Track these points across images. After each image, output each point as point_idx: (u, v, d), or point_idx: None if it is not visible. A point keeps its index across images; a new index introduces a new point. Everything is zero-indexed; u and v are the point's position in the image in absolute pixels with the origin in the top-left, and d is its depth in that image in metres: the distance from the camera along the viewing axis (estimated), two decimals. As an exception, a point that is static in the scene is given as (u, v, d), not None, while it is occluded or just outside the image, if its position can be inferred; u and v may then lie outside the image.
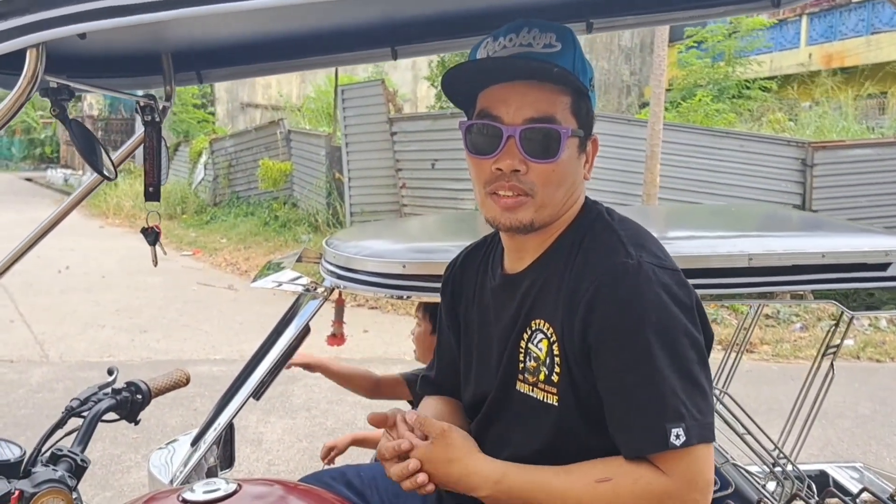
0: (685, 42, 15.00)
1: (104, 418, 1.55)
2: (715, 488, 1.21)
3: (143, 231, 1.80)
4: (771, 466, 2.23)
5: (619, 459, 1.17)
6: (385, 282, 1.92)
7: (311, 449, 4.39)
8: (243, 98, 21.40)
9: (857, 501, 2.06)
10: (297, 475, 1.75)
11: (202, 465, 2.07)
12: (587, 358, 1.20)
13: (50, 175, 25.87)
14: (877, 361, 6.46)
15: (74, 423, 1.51)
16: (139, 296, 8.59)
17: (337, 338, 2.33)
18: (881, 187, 9.47)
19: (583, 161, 1.30)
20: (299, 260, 2.40)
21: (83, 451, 1.44)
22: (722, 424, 2.00)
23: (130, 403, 1.63)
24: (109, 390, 1.61)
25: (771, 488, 2.23)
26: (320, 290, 2.04)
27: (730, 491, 2.07)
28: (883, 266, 1.92)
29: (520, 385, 1.30)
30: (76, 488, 1.35)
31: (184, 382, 1.81)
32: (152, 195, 1.74)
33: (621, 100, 19.50)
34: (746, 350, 3.12)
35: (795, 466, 2.27)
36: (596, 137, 1.32)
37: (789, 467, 2.24)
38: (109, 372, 1.65)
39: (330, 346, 2.35)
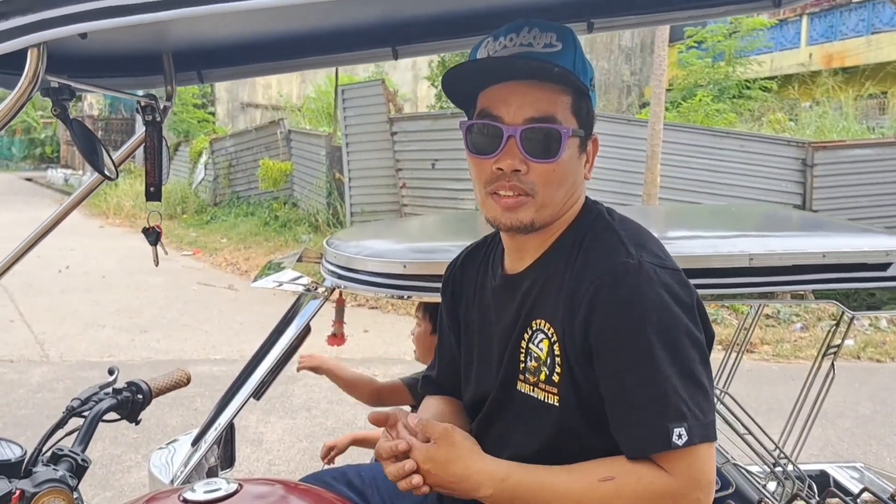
0: (685, 42, 14.99)
1: (105, 418, 1.56)
2: (715, 488, 1.21)
3: (145, 231, 1.80)
4: (771, 466, 2.23)
5: (622, 459, 1.17)
6: (386, 282, 1.92)
7: (312, 449, 4.39)
8: (243, 98, 21.40)
9: (858, 501, 2.06)
10: (298, 475, 1.75)
11: (203, 465, 2.07)
12: (588, 358, 1.19)
13: (50, 175, 25.88)
14: (877, 361, 6.45)
15: (75, 423, 1.52)
16: (139, 296, 8.59)
17: (337, 338, 2.33)
18: (881, 187, 9.48)
19: (583, 161, 1.30)
20: (300, 260, 2.40)
21: (84, 451, 1.44)
22: (722, 424, 2.00)
23: (131, 403, 1.63)
24: (110, 390, 1.61)
25: (771, 488, 2.23)
26: (321, 290, 2.04)
27: (730, 491, 2.07)
28: (883, 266, 1.92)
29: (520, 385, 1.30)
30: (77, 488, 1.35)
31: (184, 382, 1.82)
32: (153, 195, 1.74)
33: (622, 100, 19.50)
34: (747, 350, 3.12)
35: (796, 466, 2.27)
36: (596, 137, 1.32)
37: (790, 467, 2.24)
38: (110, 372, 1.65)
39: (330, 346, 2.35)
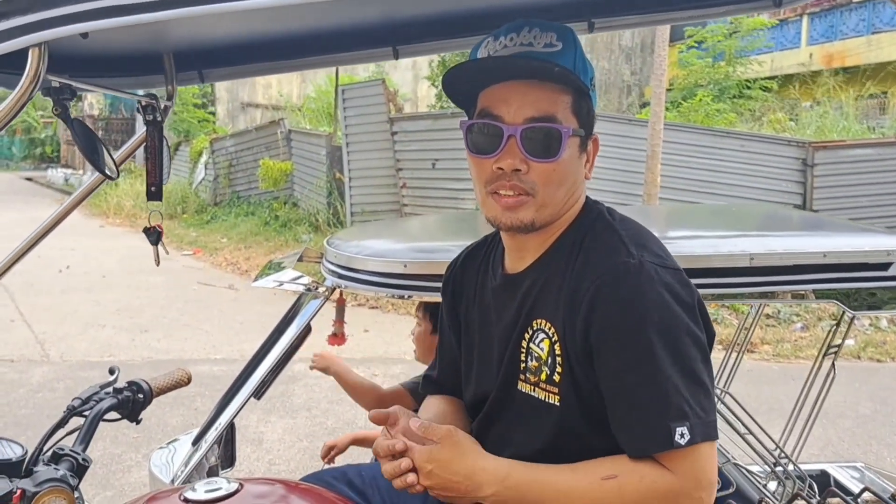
0: (686, 42, 14.99)
1: (105, 418, 1.56)
2: (716, 488, 1.21)
3: (146, 230, 1.80)
4: (772, 466, 2.23)
5: (625, 457, 1.17)
6: (386, 281, 1.92)
7: (312, 448, 4.40)
8: (244, 98, 21.39)
9: (859, 501, 2.06)
10: (298, 475, 1.75)
11: (203, 465, 2.07)
12: (589, 358, 1.19)
13: (50, 175, 25.88)
14: (877, 361, 6.45)
15: (76, 423, 1.52)
16: (140, 295, 8.60)
17: (338, 337, 2.33)
18: (882, 187, 9.48)
19: (583, 161, 1.30)
20: (300, 259, 2.40)
21: (85, 451, 1.44)
22: (723, 424, 2.00)
23: (132, 403, 1.63)
24: (111, 390, 1.61)
25: (772, 488, 2.23)
26: (321, 290, 2.04)
27: (731, 491, 2.07)
28: (884, 266, 1.92)
29: (521, 385, 1.30)
30: (78, 487, 1.35)
31: (185, 382, 1.82)
32: (154, 195, 1.74)
33: (622, 99, 19.50)
34: (747, 350, 3.12)
35: (797, 466, 2.27)
36: (597, 137, 1.32)
37: (790, 467, 2.24)
38: (111, 371, 1.65)
39: (330, 346, 2.35)
